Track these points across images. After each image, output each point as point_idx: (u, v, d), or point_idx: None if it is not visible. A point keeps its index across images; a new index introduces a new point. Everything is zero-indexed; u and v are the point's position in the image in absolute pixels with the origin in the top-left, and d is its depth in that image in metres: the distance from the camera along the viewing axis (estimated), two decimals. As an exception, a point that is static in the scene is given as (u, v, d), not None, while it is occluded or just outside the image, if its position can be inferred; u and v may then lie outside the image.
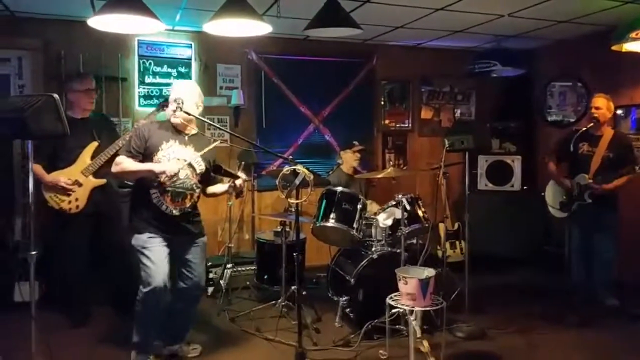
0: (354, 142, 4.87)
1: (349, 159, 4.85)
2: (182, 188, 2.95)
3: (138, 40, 4.71)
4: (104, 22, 2.96)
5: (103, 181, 3.74)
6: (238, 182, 3.02)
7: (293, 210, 3.30)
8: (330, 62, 5.42)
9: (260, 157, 5.05)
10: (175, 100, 2.89)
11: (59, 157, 3.69)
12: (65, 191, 3.64)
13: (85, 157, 3.72)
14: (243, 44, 4.95)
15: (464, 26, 4.81)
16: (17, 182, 4.38)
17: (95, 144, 3.74)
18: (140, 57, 4.75)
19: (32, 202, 2.68)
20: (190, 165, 2.97)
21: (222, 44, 4.81)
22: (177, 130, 3.02)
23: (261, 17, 3.11)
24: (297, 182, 2.93)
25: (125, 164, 2.85)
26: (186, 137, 3.03)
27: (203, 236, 3.17)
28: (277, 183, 3.13)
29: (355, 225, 3.74)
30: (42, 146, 3.63)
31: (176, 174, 2.87)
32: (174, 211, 2.94)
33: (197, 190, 3.06)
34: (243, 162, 4.19)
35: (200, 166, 3.03)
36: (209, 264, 4.51)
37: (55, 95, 2.33)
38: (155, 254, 2.89)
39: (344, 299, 3.70)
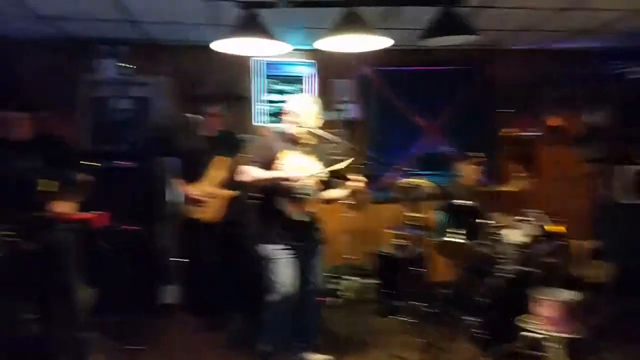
0: (471, 152, 4.67)
1: (468, 171, 4.66)
2: (306, 194, 3.06)
3: (261, 61, 4.96)
4: (229, 47, 3.11)
5: (234, 193, 3.97)
6: (357, 184, 3.07)
7: (413, 224, 3.26)
8: (444, 70, 5.30)
9: (377, 170, 5.04)
10: (293, 115, 3.02)
11: (196, 171, 3.99)
12: (199, 202, 3.93)
13: (217, 171, 3.99)
14: (357, 58, 5.01)
15: (589, 26, 4.44)
16: (160, 194, 4.76)
17: (225, 158, 3.99)
18: (265, 76, 5.00)
19: (171, 212, 2.89)
20: (312, 172, 3.08)
21: (337, 60, 4.91)
22: (295, 141, 3.15)
23: (375, 31, 3.08)
24: (414, 194, 2.88)
25: (253, 172, 3.00)
26: (306, 147, 3.15)
27: (322, 243, 3.28)
28: (394, 196, 3.10)
29: (480, 241, 3.58)
30: (181, 162, 4.01)
31: (301, 180, 2.98)
32: (300, 217, 3.05)
33: (318, 196, 3.16)
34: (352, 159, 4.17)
35: (321, 173, 3.11)
36: (329, 274, 4.58)
37: (192, 116, 2.53)
38: (282, 263, 3.02)
39: (470, 318, 3.55)
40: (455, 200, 3.80)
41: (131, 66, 4.60)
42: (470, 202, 3.82)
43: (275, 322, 3.06)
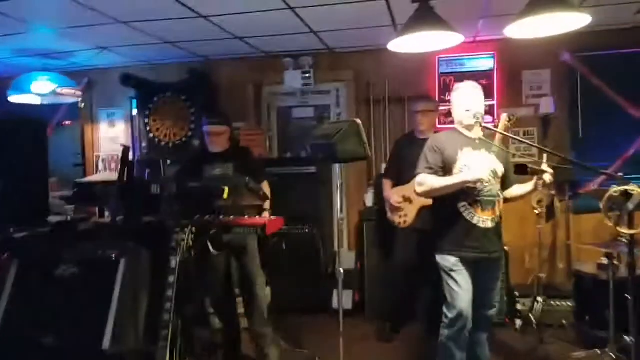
0: None
1: None
2: (490, 195, 2.74)
3: (438, 58, 4.68)
4: (403, 45, 2.97)
5: (429, 201, 3.78)
6: (546, 177, 2.64)
7: (625, 240, 2.64)
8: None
9: (577, 174, 4.30)
10: (474, 116, 2.70)
11: (403, 173, 3.82)
12: (396, 207, 3.84)
13: None
14: (554, 44, 4.33)
15: None
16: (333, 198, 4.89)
17: None
18: (441, 74, 4.70)
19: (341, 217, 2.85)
20: (492, 169, 2.75)
21: (528, 48, 4.34)
22: (464, 136, 2.83)
23: (578, 8, 2.59)
24: (630, 206, 2.29)
25: (430, 181, 2.77)
26: (476, 141, 2.81)
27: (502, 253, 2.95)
28: (601, 207, 2.53)
29: None
30: (390, 163, 4.08)
31: (483, 180, 2.67)
32: (487, 222, 2.73)
33: (502, 196, 2.82)
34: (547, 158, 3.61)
35: (501, 168, 2.80)
36: (517, 293, 4.08)
37: (358, 120, 2.43)
38: (463, 278, 2.75)
39: None
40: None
41: (312, 75, 4.77)
42: None
43: (452, 341, 2.79)
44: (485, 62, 4.59)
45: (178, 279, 2.72)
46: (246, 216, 2.86)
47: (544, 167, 2.69)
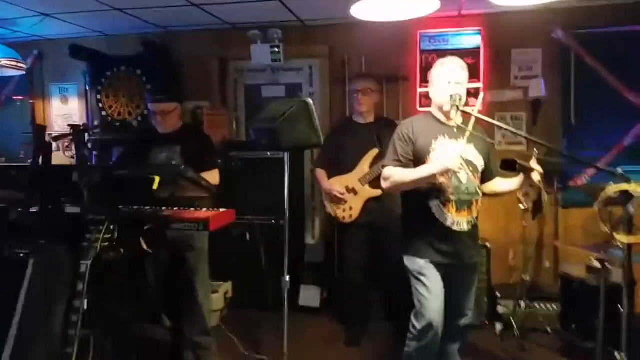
0: None
1: None
2: (467, 193, 2.38)
3: (420, 33, 4.25)
4: (370, 11, 2.55)
5: (379, 192, 3.42)
6: (535, 177, 2.32)
7: (620, 244, 2.28)
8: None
9: (567, 165, 3.92)
10: (451, 97, 2.30)
11: (342, 162, 3.58)
12: (338, 200, 3.49)
13: (364, 165, 3.51)
14: (546, 20, 3.94)
15: None
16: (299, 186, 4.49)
17: (375, 151, 3.48)
18: (422, 52, 4.26)
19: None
20: (469, 162, 2.38)
21: (518, 24, 3.97)
22: (441, 122, 2.45)
23: None
24: (631, 209, 1.93)
25: (396, 175, 2.39)
26: (454, 129, 2.42)
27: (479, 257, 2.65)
28: (596, 209, 2.17)
29: None
30: (324, 151, 3.64)
31: (454, 170, 2.29)
32: (463, 225, 2.38)
33: (480, 194, 2.46)
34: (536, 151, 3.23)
35: (481, 162, 2.44)
36: (498, 294, 3.74)
37: (308, 100, 2.03)
38: (433, 283, 2.41)
39: None
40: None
41: (282, 50, 4.32)
42: None
43: (420, 354, 2.47)
44: (471, 39, 4.15)
45: (102, 283, 2.34)
46: (198, 209, 2.50)
47: (534, 164, 2.33)
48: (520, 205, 3.50)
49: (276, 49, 4.34)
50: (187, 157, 2.77)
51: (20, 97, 5.03)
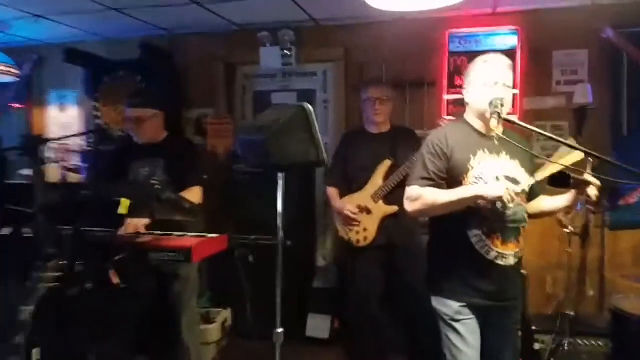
0: None
1: None
2: (514, 221, 1.97)
3: (449, 33, 3.82)
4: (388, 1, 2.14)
5: (395, 208, 2.99)
6: (592, 192, 1.87)
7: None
8: None
9: (618, 180, 3.42)
10: (491, 103, 1.87)
11: (353, 178, 3.17)
12: (350, 221, 3.07)
13: (377, 179, 3.11)
14: (594, 18, 3.49)
15: None
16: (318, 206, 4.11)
17: (388, 162, 3.07)
18: (452, 54, 3.83)
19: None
20: (513, 180, 1.96)
21: (560, 23, 3.55)
22: (480, 133, 2.04)
23: None
24: None
25: (427, 196, 1.95)
26: (495, 141, 1.99)
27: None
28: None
29: None
30: (334, 166, 3.26)
31: (503, 200, 1.85)
32: (509, 259, 1.98)
33: (527, 220, 2.05)
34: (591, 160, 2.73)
35: (527, 181, 2.00)
36: (534, 328, 3.25)
37: (307, 106, 1.61)
38: (470, 332, 2.02)
39: None
40: None
41: (294, 53, 3.95)
42: None
43: None
44: (506, 40, 3.70)
45: (65, 323, 1.96)
46: (187, 234, 2.15)
47: (588, 177, 1.88)
48: (565, 230, 3.04)
49: (287, 52, 3.99)
50: (171, 172, 2.40)
51: (18, 105, 4.76)
